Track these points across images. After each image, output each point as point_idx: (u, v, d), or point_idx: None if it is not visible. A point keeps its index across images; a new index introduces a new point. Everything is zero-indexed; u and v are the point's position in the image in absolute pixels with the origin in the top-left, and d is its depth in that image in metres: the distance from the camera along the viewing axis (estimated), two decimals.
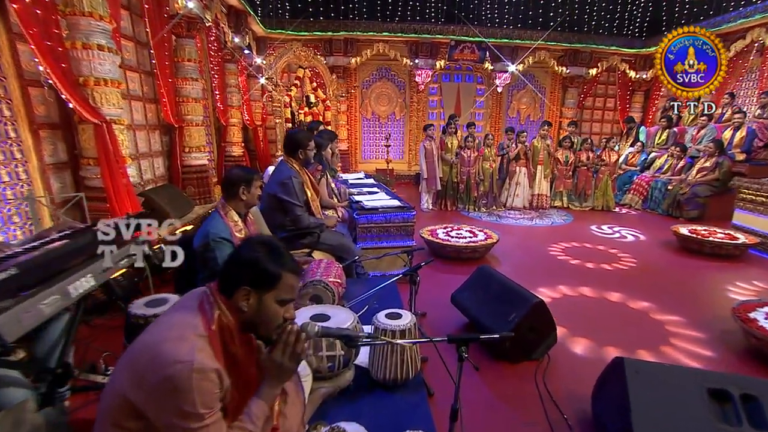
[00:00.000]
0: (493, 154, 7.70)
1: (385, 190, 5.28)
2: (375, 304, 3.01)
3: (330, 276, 2.77)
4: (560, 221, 7.18)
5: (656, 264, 5.15)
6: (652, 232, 6.55)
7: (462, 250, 4.89)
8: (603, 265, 5.00)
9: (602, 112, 11.88)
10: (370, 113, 10.97)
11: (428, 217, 7.42)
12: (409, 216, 4.23)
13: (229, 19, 7.86)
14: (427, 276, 4.57)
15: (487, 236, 5.20)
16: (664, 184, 7.88)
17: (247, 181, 2.57)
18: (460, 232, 5.36)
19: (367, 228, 4.18)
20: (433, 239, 5.06)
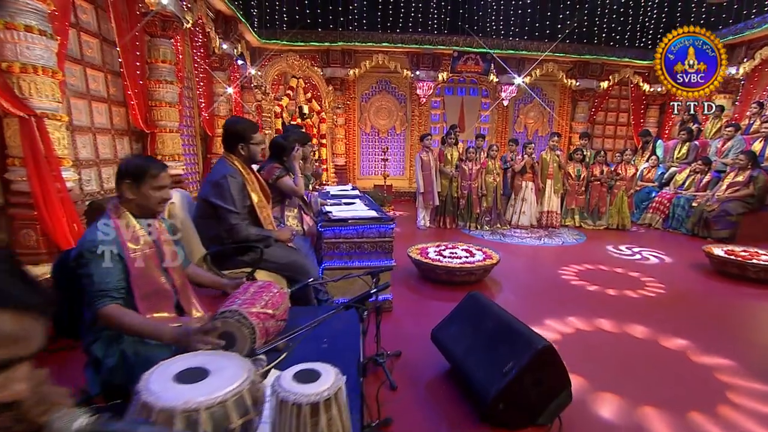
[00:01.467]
0: (497, 166, 6.92)
1: (366, 200, 4.52)
2: (324, 344, 2.21)
3: (255, 305, 1.98)
4: (572, 241, 6.31)
5: (689, 290, 4.25)
6: (678, 254, 5.65)
7: (455, 273, 4.07)
8: (626, 291, 4.11)
9: (614, 127, 11.06)
10: (369, 127, 10.32)
11: (425, 235, 6.61)
12: (386, 230, 3.44)
13: (216, 25, 7.32)
14: (410, 303, 3.77)
15: (486, 256, 4.37)
16: (688, 201, 6.99)
17: (136, 175, 1.79)
18: (455, 251, 4.54)
19: (334, 243, 3.40)
20: (421, 259, 4.25)
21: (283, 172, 3.53)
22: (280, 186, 3.46)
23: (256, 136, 2.78)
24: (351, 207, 3.89)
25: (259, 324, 1.88)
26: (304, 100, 8.58)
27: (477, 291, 2.63)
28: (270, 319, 2.03)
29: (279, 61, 8.11)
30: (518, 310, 3.51)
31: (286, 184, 3.46)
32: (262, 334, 1.90)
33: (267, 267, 2.76)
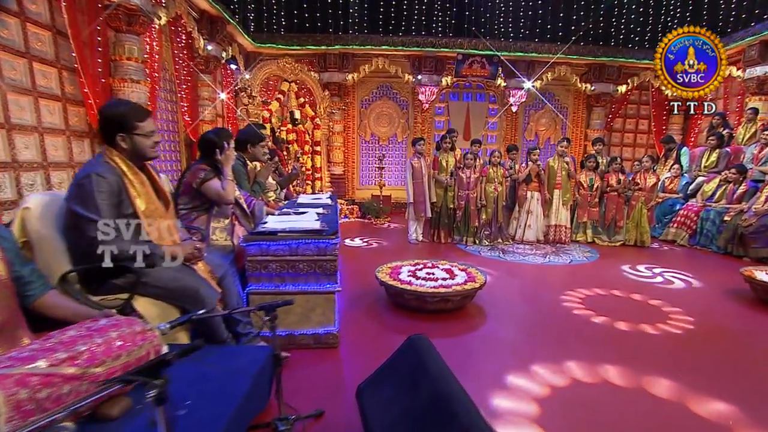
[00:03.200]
0: (499, 174, 6.09)
1: (330, 211, 3.79)
2: (186, 407, 1.49)
3: (45, 359, 1.26)
4: (582, 259, 5.41)
5: (727, 327, 3.33)
6: (709, 276, 4.70)
7: (425, 298, 3.28)
8: (642, 326, 3.23)
9: (634, 135, 10.06)
10: (369, 135, 9.63)
11: (416, 250, 5.83)
12: (327, 246, 2.69)
13: (201, 25, 6.80)
14: (366, 337, 2.96)
15: (469, 278, 3.56)
16: (719, 215, 6.01)
17: None
18: (434, 271, 3.74)
19: (261, 262, 2.67)
20: (388, 281, 3.47)
21: (210, 174, 2.84)
22: (205, 191, 2.78)
23: (143, 125, 2.08)
24: (297, 218, 3.16)
25: (21, 394, 1.16)
26: (296, 105, 7.98)
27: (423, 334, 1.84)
28: (73, 381, 1.31)
29: (269, 64, 7.54)
30: (499, 351, 2.71)
31: (211, 189, 2.76)
32: (21, 411, 1.17)
33: (149, 293, 2.05)
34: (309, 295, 2.76)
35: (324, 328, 2.81)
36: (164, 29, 6.23)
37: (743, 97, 8.09)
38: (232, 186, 2.82)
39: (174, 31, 6.40)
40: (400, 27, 9.46)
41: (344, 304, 3.63)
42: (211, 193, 2.76)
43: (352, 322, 3.27)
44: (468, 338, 2.99)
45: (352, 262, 5.05)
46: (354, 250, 5.79)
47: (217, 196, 2.76)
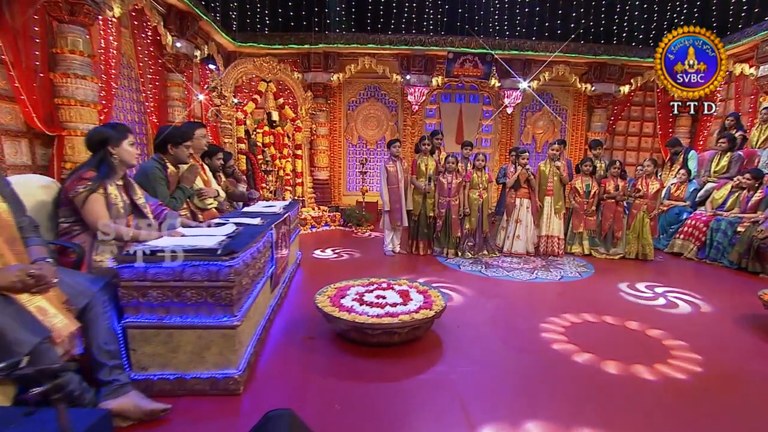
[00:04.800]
0: (484, 180, 5.42)
1: (270, 220, 3.16)
2: None
3: None
4: (574, 275, 4.71)
5: (744, 369, 2.61)
6: (719, 297, 3.97)
7: (365, 330, 2.63)
8: (636, 366, 2.54)
9: (638, 138, 9.29)
10: (356, 138, 9.03)
11: (390, 263, 5.19)
12: (220, 269, 2.06)
13: (169, 20, 6.28)
14: (281, 378, 2.27)
15: (426, 303, 2.90)
16: (731, 225, 5.26)
17: None
18: (386, 293, 3.09)
19: (139, 289, 2.05)
20: (327, 307, 2.83)
21: (96, 185, 2.25)
22: (83, 213, 2.19)
23: None
24: (203, 231, 2.54)
25: None
26: (274, 106, 7.40)
27: (287, 410, 1.20)
28: None
29: (244, 63, 6.99)
30: (442, 404, 2.05)
31: (89, 214, 2.18)
32: None
33: None
34: (201, 330, 2.14)
35: (222, 370, 2.17)
36: (125, 22, 5.71)
37: (756, 97, 7.32)
38: (97, 205, 2.20)
39: (138, 25, 5.87)
40: (389, 25, 8.88)
41: (278, 332, 3.00)
42: (85, 212, 2.17)
43: (278, 357, 2.63)
44: (410, 384, 2.33)
45: (310, 278, 4.42)
46: (320, 263, 5.16)
47: (91, 217, 2.17)
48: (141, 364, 2.13)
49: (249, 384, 2.29)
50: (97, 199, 2.25)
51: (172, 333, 2.13)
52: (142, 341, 2.12)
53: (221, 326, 2.14)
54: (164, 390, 2.14)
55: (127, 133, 2.43)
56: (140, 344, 2.12)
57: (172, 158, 3.07)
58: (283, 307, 3.51)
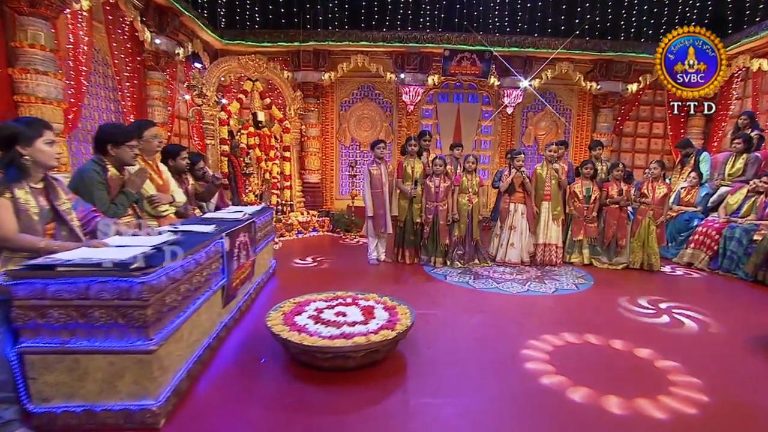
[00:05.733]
0: (475, 184, 5.12)
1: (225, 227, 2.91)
2: None
3: None
4: (570, 287, 4.37)
5: (757, 403, 2.28)
6: (731, 314, 3.62)
7: (315, 354, 2.35)
8: (636, 401, 2.21)
9: (647, 140, 8.89)
10: (349, 140, 8.77)
11: (373, 272, 4.91)
12: (131, 286, 1.80)
13: (146, 16, 6.09)
14: (214, 409, 1.96)
15: (390, 321, 2.61)
16: (746, 233, 4.90)
17: None
18: (348, 309, 2.81)
19: (38, 309, 1.79)
20: (276, 325, 2.56)
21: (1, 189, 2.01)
22: None
23: None
24: (129, 241, 2.28)
25: None
26: (260, 106, 7.18)
27: None
28: None
29: (228, 61, 6.78)
30: None
31: None
32: None
33: None
34: (112, 355, 1.88)
35: (138, 401, 1.91)
36: (99, 16, 5.52)
37: None
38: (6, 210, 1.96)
39: (112, 20, 5.69)
40: (383, 22, 8.63)
41: (230, 352, 2.74)
42: None
43: (221, 382, 2.37)
44: (358, 418, 2.04)
45: (283, 289, 4.16)
46: (298, 272, 4.90)
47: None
48: (42, 395, 1.88)
49: (175, 415, 2.03)
50: (2, 205, 2.01)
51: (78, 359, 1.88)
52: (43, 369, 1.86)
53: (135, 351, 1.88)
54: (70, 425, 1.89)
55: (43, 129, 2.18)
56: (41, 372, 1.86)
57: (114, 160, 2.82)
58: (241, 323, 3.25)
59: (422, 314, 3.43)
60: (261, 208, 4.47)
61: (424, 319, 3.33)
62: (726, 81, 7.65)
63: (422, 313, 3.46)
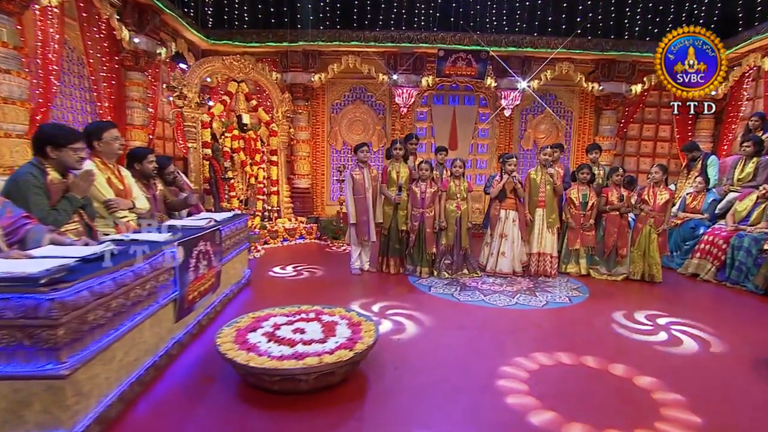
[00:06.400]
0: (463, 189, 4.94)
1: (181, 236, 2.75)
2: None
3: None
4: (562, 301, 4.16)
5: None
6: (737, 331, 3.40)
7: (262, 377, 2.19)
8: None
9: (653, 143, 8.66)
10: (340, 143, 8.63)
11: (356, 283, 4.74)
12: (39, 303, 1.63)
13: (124, 13, 6.00)
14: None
15: (352, 339, 2.43)
16: (756, 242, 4.67)
17: None
18: (307, 325, 2.64)
19: None
20: (224, 344, 2.39)
21: None
22: None
23: None
24: (49, 251, 2.13)
25: None
26: (245, 108, 7.05)
27: None
28: None
29: (212, 61, 6.68)
30: None
31: None
32: None
33: None
34: (17, 381, 1.71)
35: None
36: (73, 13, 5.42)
37: None
38: None
39: (87, 17, 5.59)
40: (376, 21, 8.50)
41: (182, 370, 2.58)
42: None
43: (161, 407, 2.20)
44: None
45: (255, 301, 4.00)
46: (275, 282, 4.73)
47: None
48: None
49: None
50: None
51: None
52: None
53: (44, 376, 1.72)
54: None
55: None
56: None
57: (55, 163, 2.68)
58: (200, 338, 3.08)
59: (396, 330, 3.25)
60: (233, 214, 4.31)
61: (396, 335, 3.14)
62: (736, 81, 7.46)
63: (396, 328, 3.29)
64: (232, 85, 7.01)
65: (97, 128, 3.25)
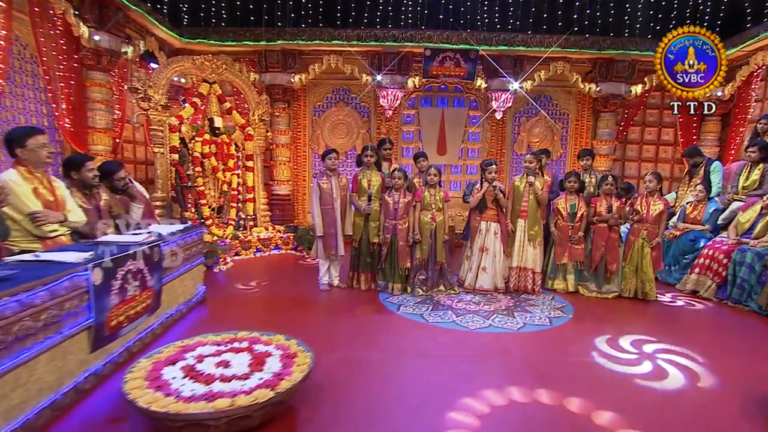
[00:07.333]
0: (439, 199, 4.71)
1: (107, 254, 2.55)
2: None
3: None
4: (542, 323, 3.91)
5: None
6: (734, 361, 3.16)
7: (164, 421, 1.98)
8: None
9: (655, 147, 8.40)
10: (322, 147, 8.39)
11: (318, 301, 4.51)
12: None
13: (82, 8, 5.82)
14: None
15: (278, 376, 2.21)
16: (759, 258, 4.42)
17: None
18: (233, 357, 2.42)
19: None
20: (130, 381, 2.17)
21: None
22: None
23: None
24: None
25: None
26: (217, 111, 6.87)
27: None
28: None
29: (181, 61, 6.51)
30: None
31: None
32: None
33: None
34: None
35: None
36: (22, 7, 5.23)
37: None
38: None
39: (40, 12, 5.40)
40: (361, 19, 8.32)
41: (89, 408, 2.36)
42: None
43: None
44: None
45: (208, 322, 3.80)
46: (234, 299, 4.52)
47: None
48: None
49: None
50: None
51: None
52: None
53: None
54: None
55: None
56: None
57: None
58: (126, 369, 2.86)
59: (346, 358, 3.03)
60: (184, 227, 4.10)
61: (345, 365, 2.92)
62: (744, 80, 7.23)
63: (347, 356, 3.06)
64: (203, 87, 6.83)
65: (20, 134, 3.07)
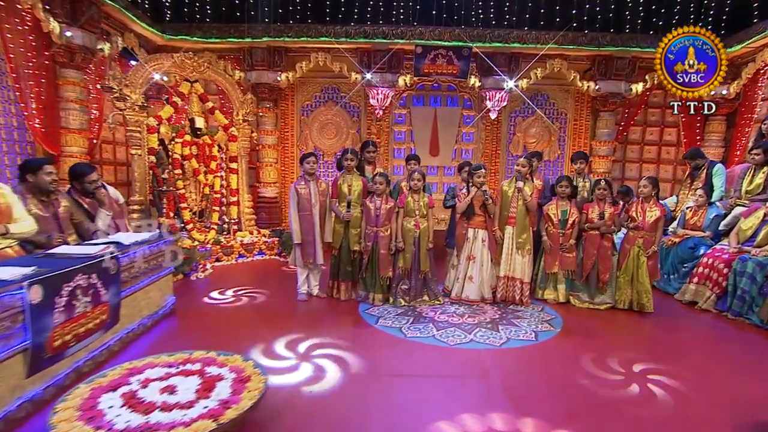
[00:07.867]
0: (423, 205, 4.55)
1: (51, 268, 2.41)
2: None
3: None
4: (528, 337, 3.76)
5: None
6: (726, 381, 3.00)
7: None
8: None
9: (657, 148, 8.21)
10: (311, 148, 8.26)
11: (296, 313, 4.37)
12: None
13: (53, 3, 5.65)
14: None
15: (230, 401, 2.07)
16: (761, 268, 4.26)
17: None
18: (180, 382, 2.28)
19: None
20: (60, 411, 2.04)
21: None
22: None
23: None
24: None
25: None
26: (198, 111, 6.74)
27: None
28: None
29: (159, 58, 6.38)
30: None
31: None
32: None
33: None
34: None
35: None
36: None
37: None
38: None
39: (5, 6, 5.25)
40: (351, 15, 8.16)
41: None
42: None
43: None
44: None
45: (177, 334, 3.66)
46: (208, 310, 4.39)
47: None
48: None
49: None
50: None
51: None
52: None
53: None
54: None
55: None
56: None
57: None
58: None
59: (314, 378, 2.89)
60: (150, 236, 3.95)
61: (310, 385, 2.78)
62: (750, 79, 7.06)
63: (315, 376, 2.92)
64: (184, 86, 6.71)
65: None
